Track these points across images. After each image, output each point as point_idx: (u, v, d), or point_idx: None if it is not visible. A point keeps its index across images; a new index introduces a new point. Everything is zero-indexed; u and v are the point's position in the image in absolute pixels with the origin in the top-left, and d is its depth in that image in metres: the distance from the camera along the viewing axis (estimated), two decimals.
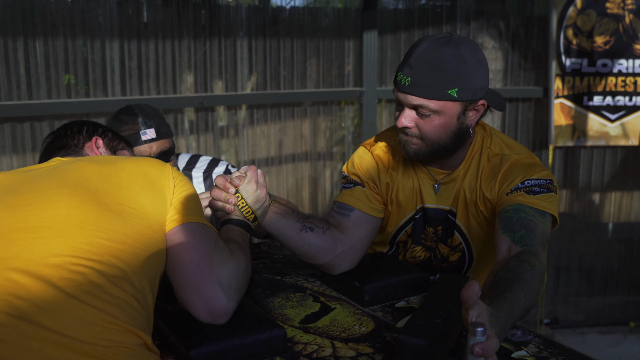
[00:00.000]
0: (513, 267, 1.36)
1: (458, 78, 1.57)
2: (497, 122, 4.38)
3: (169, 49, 3.55)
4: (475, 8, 4.21)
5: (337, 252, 1.70)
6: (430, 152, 1.68)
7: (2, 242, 1.12)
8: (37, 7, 3.15)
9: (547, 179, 1.64)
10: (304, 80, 4.04)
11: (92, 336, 1.05)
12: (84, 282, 1.09)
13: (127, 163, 1.38)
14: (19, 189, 1.25)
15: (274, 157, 4.10)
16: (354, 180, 1.82)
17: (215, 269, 1.29)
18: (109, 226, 1.19)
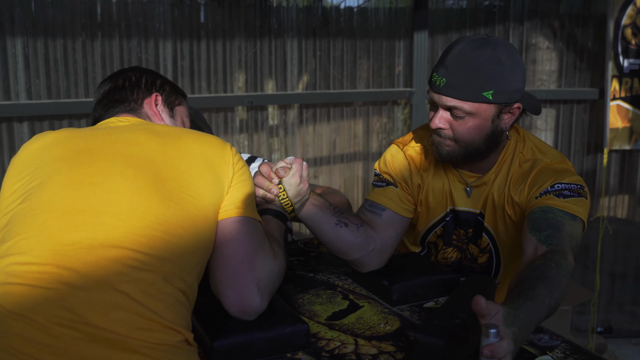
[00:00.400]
0: (537, 265, 1.34)
1: (494, 80, 1.56)
2: (550, 123, 4.29)
3: (220, 49, 3.63)
4: (529, 7, 4.13)
5: (369, 250, 1.71)
6: (464, 154, 1.67)
7: (64, 223, 1.15)
8: (97, 8, 3.28)
9: (578, 183, 1.61)
10: (354, 80, 4.06)
11: (139, 333, 1.08)
12: (138, 279, 1.12)
13: (190, 143, 1.35)
14: (83, 160, 1.25)
15: (324, 157, 4.13)
16: (386, 180, 1.83)
17: (257, 269, 1.31)
18: (168, 218, 1.20)
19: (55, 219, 1.16)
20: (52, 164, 1.26)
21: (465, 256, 1.83)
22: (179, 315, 1.16)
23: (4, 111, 3.12)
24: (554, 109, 4.28)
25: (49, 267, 1.09)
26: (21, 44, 3.15)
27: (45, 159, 1.27)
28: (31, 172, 1.26)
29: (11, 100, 3.17)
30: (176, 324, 1.14)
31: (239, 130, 3.87)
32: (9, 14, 3.10)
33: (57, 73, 3.24)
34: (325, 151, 4.12)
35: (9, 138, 3.19)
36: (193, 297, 1.25)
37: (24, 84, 3.18)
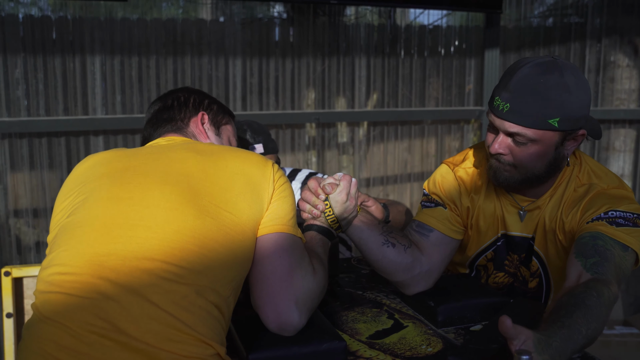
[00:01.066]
0: (578, 293, 1.28)
1: (560, 107, 1.49)
2: (629, 145, 4.10)
3: (289, 66, 3.69)
4: (607, 24, 3.99)
5: (415, 273, 1.68)
6: (522, 180, 1.61)
7: (101, 236, 1.20)
8: (170, 28, 3.42)
9: (635, 212, 1.52)
10: (423, 98, 4.03)
11: (169, 345, 1.10)
12: (170, 290, 1.14)
13: (230, 160, 1.37)
14: (124, 177, 1.30)
15: (393, 175, 4.11)
16: (435, 200, 1.79)
17: (295, 286, 1.31)
18: (204, 232, 1.22)
19: (93, 231, 1.21)
20: (96, 181, 1.32)
21: (517, 279, 1.77)
22: (211, 329, 1.17)
23: (82, 125, 3.29)
24: (633, 129, 4.09)
25: (86, 276, 1.14)
26: (99, 61, 3.32)
27: (91, 177, 1.34)
28: (78, 189, 1.33)
29: (89, 115, 3.33)
30: (208, 337, 1.15)
31: (308, 147, 3.91)
32: (90, 34, 3.27)
33: (132, 89, 3.39)
34: (396, 170, 4.10)
35: (85, 150, 3.35)
36: (228, 311, 1.26)
37: (101, 99, 3.34)
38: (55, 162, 3.33)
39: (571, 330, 1.16)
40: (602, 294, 1.28)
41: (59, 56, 3.26)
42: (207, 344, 1.15)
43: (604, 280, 1.35)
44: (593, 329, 1.21)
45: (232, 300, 1.28)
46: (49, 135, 3.29)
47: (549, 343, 1.09)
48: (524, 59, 1.59)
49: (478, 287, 1.73)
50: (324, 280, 1.41)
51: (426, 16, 4.02)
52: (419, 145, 4.10)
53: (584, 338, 1.19)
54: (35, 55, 3.22)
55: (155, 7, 3.61)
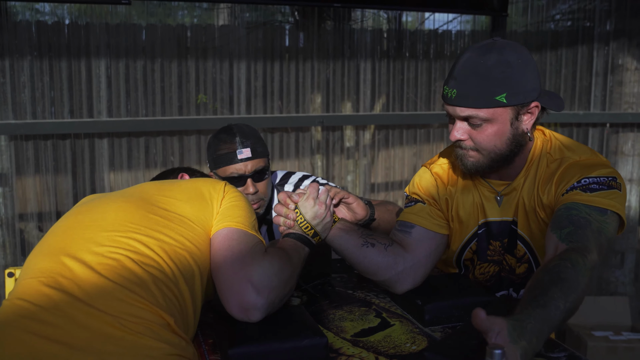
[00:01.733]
0: (552, 267, 1.27)
1: (505, 83, 1.52)
2: (638, 149, 4.06)
3: (293, 70, 3.70)
4: (616, 27, 3.95)
5: (398, 270, 1.68)
6: (489, 163, 1.62)
7: (60, 237, 1.37)
8: (175, 32, 3.45)
9: (609, 175, 1.52)
10: (429, 102, 4.02)
11: (118, 310, 1.19)
12: (117, 266, 1.26)
13: (185, 182, 1.58)
14: (91, 202, 1.50)
15: (397, 181, 4.10)
16: (414, 199, 1.80)
17: (246, 267, 1.37)
18: (151, 225, 1.37)
19: (52, 236, 1.40)
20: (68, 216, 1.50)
21: (503, 267, 1.76)
22: (160, 301, 1.25)
23: (87, 127, 3.32)
24: None
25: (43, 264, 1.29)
26: (104, 65, 3.35)
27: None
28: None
29: (94, 117, 3.37)
30: (156, 306, 1.23)
31: (313, 151, 3.91)
32: (95, 38, 3.31)
33: (137, 92, 3.42)
34: (404, 174, 4.09)
35: (90, 152, 3.39)
36: (182, 297, 1.33)
37: (106, 102, 3.38)
38: (60, 165, 3.37)
39: (547, 308, 1.15)
40: (576, 263, 1.27)
41: (65, 60, 3.30)
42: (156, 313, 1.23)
43: (579, 247, 1.34)
44: (572, 301, 1.20)
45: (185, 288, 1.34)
46: (55, 137, 3.32)
47: (523, 327, 1.08)
48: (468, 47, 1.63)
49: (466, 285, 1.71)
50: (280, 262, 1.44)
51: (432, 20, 4.01)
52: (426, 149, 4.08)
53: (562, 312, 1.17)
54: (42, 58, 3.26)
55: (172, 15, 3.66)
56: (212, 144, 2.18)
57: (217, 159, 2.13)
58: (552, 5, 4.08)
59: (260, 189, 2.15)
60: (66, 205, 3.40)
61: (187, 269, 1.35)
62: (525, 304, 1.17)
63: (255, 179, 2.14)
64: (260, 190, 2.16)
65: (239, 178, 2.11)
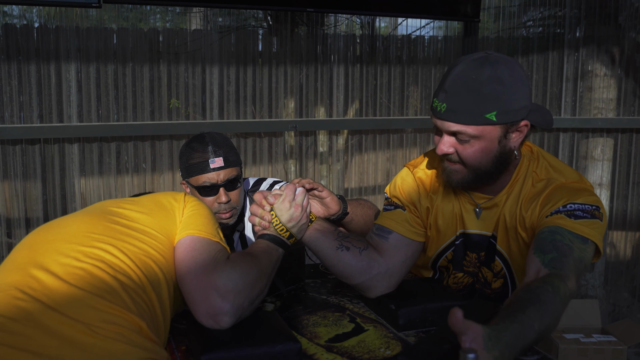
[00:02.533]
0: (534, 287, 1.28)
1: (496, 101, 1.49)
2: (608, 154, 4.12)
3: (266, 75, 3.69)
4: (585, 33, 4.02)
5: (373, 274, 1.67)
6: (474, 179, 1.60)
7: (25, 252, 1.36)
8: (146, 36, 3.41)
9: (593, 204, 1.52)
10: (402, 107, 4.03)
11: (89, 317, 1.17)
12: (85, 275, 1.25)
13: (144, 197, 1.59)
14: (52, 222, 1.50)
15: (370, 186, 4.11)
16: (394, 203, 1.79)
17: (210, 274, 1.37)
18: (113, 234, 1.38)
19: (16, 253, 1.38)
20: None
21: (478, 280, 1.76)
22: (130, 306, 1.24)
23: (57, 133, 3.26)
24: (611, 138, 4.11)
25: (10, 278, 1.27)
26: (74, 69, 3.30)
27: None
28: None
29: (64, 122, 3.31)
30: (127, 310, 1.22)
31: (286, 156, 3.90)
32: (65, 42, 3.26)
33: (108, 97, 3.37)
34: (377, 179, 4.10)
35: (60, 158, 3.33)
36: (151, 303, 1.31)
37: (76, 107, 3.33)
38: (29, 170, 3.31)
39: (523, 325, 1.15)
40: (557, 289, 1.28)
41: (33, 63, 3.24)
42: (126, 317, 1.21)
43: (562, 275, 1.34)
44: (546, 324, 1.20)
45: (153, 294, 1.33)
46: (24, 142, 3.26)
47: (499, 337, 1.08)
48: (461, 58, 1.58)
49: (440, 289, 1.72)
50: (245, 266, 1.43)
51: (405, 25, 4.03)
52: (399, 154, 4.10)
53: (535, 333, 1.18)
54: (10, 62, 3.20)
55: (144, 20, 3.62)
56: (185, 152, 2.16)
57: (189, 168, 2.11)
58: (524, 12, 4.13)
59: (232, 197, 2.14)
60: (35, 211, 3.34)
61: (154, 276, 1.35)
62: (502, 317, 1.17)
63: (228, 188, 2.13)
64: (233, 199, 2.14)
65: (211, 187, 2.10)
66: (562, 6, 4.04)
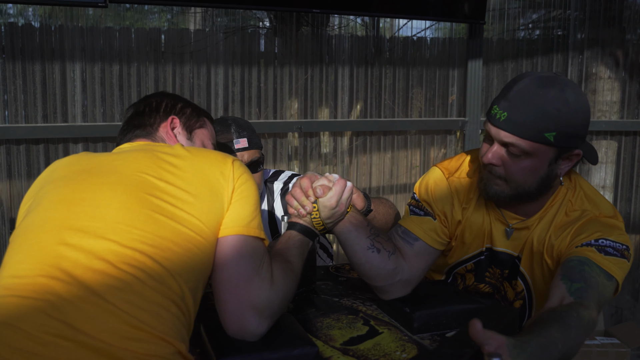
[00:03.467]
0: (559, 311, 1.28)
1: (558, 121, 1.47)
2: (611, 157, 4.12)
3: (271, 76, 3.68)
4: (589, 36, 4.02)
5: (395, 280, 1.66)
6: (512, 196, 1.58)
7: (53, 237, 1.19)
8: (151, 36, 3.40)
9: (624, 244, 1.51)
10: (407, 109, 4.03)
11: (127, 343, 1.08)
12: (124, 288, 1.13)
13: (188, 162, 1.36)
14: (77, 179, 1.31)
15: (377, 187, 4.10)
16: (424, 208, 1.75)
17: (252, 294, 1.29)
18: (156, 231, 1.22)
19: (45, 233, 1.21)
20: (52, 184, 1.32)
21: (499, 292, 1.75)
22: (169, 326, 1.16)
23: (62, 132, 3.25)
24: (615, 141, 4.12)
25: (39, 278, 1.13)
26: (79, 69, 3.29)
27: (49, 180, 1.35)
28: (36, 193, 1.34)
29: (68, 122, 3.30)
30: (166, 335, 1.13)
31: (290, 157, 3.89)
32: (70, 41, 3.25)
33: (113, 97, 3.36)
34: (381, 181, 4.09)
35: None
36: (188, 310, 1.24)
37: (81, 107, 3.31)
38: (33, 170, 3.29)
39: (547, 340, 1.15)
40: (582, 317, 1.27)
41: (38, 63, 3.22)
42: (165, 341, 1.13)
43: (586, 305, 1.33)
44: (569, 347, 1.20)
45: (190, 300, 1.25)
46: (27, 142, 3.25)
47: (524, 348, 1.07)
48: (528, 72, 1.57)
49: (454, 293, 1.71)
50: (286, 286, 1.38)
51: (410, 27, 4.03)
52: (403, 156, 4.09)
53: (559, 353, 1.17)
54: (14, 61, 3.19)
55: (142, 20, 3.59)
56: None
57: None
58: (527, 14, 4.13)
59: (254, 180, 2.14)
60: None
61: (194, 280, 1.26)
62: (526, 332, 1.17)
63: (251, 169, 2.12)
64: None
65: None
66: (566, 8, 4.04)
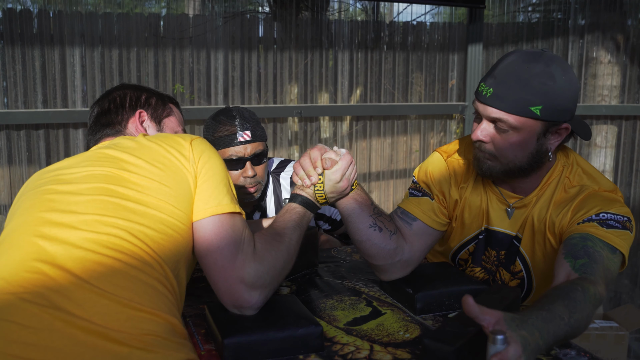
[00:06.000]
0: (562, 287, 1.28)
1: (544, 95, 1.47)
2: (611, 141, 4.13)
3: (271, 61, 3.67)
4: (590, 20, 4.01)
5: (395, 260, 1.67)
6: (504, 171, 1.59)
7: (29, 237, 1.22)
8: (151, 21, 3.39)
9: (625, 215, 1.51)
10: (407, 93, 4.03)
11: (119, 324, 1.09)
12: (106, 272, 1.15)
13: (146, 150, 1.38)
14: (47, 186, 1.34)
15: (377, 172, 4.10)
16: (422, 189, 1.77)
17: (238, 270, 1.32)
18: (129, 216, 1.24)
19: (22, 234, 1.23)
20: (27, 193, 1.36)
21: (494, 280, 1.76)
22: (156, 302, 1.17)
23: (62, 118, 3.24)
24: (615, 125, 4.12)
25: (24, 274, 1.14)
26: (79, 54, 3.28)
27: (27, 189, 1.39)
28: (15, 202, 1.38)
29: (68, 107, 3.29)
30: (156, 309, 1.15)
31: (290, 142, 3.89)
32: (70, 27, 3.24)
33: (112, 82, 3.35)
34: (381, 165, 4.09)
35: (65, 143, 3.31)
36: (173, 289, 1.25)
37: (81, 92, 3.30)
38: (34, 156, 3.29)
39: (552, 313, 1.15)
40: (587, 290, 1.27)
41: (37, 48, 3.22)
42: (156, 316, 1.15)
43: (591, 280, 1.33)
44: (576, 320, 1.19)
45: (174, 279, 1.27)
46: (28, 127, 3.24)
47: (523, 320, 1.08)
48: (516, 50, 1.58)
49: (456, 274, 1.72)
50: (272, 257, 1.39)
51: (409, 12, 4.02)
52: (402, 141, 4.09)
53: (567, 325, 1.17)
54: (14, 46, 3.18)
55: (140, 5, 3.57)
56: (211, 125, 2.16)
57: (216, 140, 2.11)
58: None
59: (258, 172, 2.14)
60: None
61: (173, 259, 1.27)
62: (529, 308, 1.17)
63: (254, 162, 2.13)
64: (259, 174, 2.15)
65: (238, 161, 2.10)
66: None
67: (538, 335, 1.08)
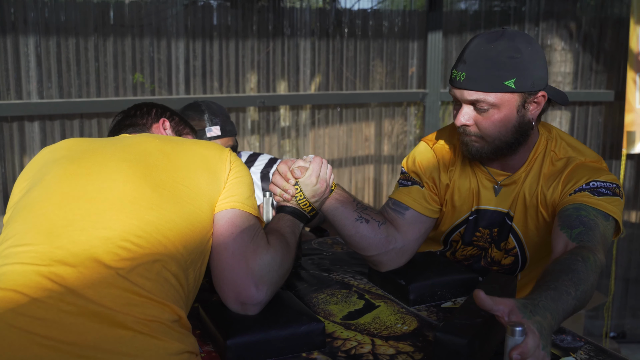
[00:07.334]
0: (562, 259, 1.30)
1: (514, 68, 1.53)
2: (565, 126, 4.24)
3: (232, 50, 3.61)
4: (545, 9, 4.09)
5: (389, 249, 1.67)
6: (493, 150, 1.62)
7: (59, 208, 1.21)
8: (109, 10, 3.27)
9: (614, 182, 1.56)
10: (367, 81, 4.03)
11: (128, 308, 1.10)
12: (128, 258, 1.15)
13: (189, 144, 1.43)
14: (83, 157, 1.34)
15: (335, 159, 4.10)
16: (412, 179, 1.78)
17: (249, 260, 1.31)
18: (160, 204, 1.24)
19: (51, 205, 1.22)
20: (55, 162, 1.33)
21: (485, 257, 1.78)
22: (168, 293, 1.17)
23: (16, 110, 3.11)
24: (569, 111, 4.23)
25: (42, 246, 1.14)
26: (33, 43, 3.15)
27: (50, 159, 1.36)
28: (37, 171, 1.35)
29: (23, 99, 3.16)
30: (165, 299, 1.15)
31: (250, 131, 3.85)
32: (22, 14, 3.10)
33: (69, 73, 3.23)
34: (338, 153, 4.09)
35: (19, 137, 3.19)
36: (188, 283, 1.25)
37: (36, 83, 3.18)
38: None
39: (559, 291, 1.17)
40: (587, 259, 1.29)
41: None
42: (165, 305, 1.15)
43: (589, 247, 1.36)
44: (582, 291, 1.22)
45: (192, 274, 1.27)
46: None
47: (535, 304, 1.09)
48: (478, 34, 1.63)
49: (447, 264, 1.73)
50: (282, 254, 1.40)
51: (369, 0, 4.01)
52: (360, 129, 4.09)
53: (574, 299, 1.19)
54: None
55: None
56: None
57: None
58: None
59: None
60: None
61: (196, 252, 1.27)
62: (536, 288, 1.18)
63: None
64: None
65: None
66: None
67: (550, 317, 1.10)
